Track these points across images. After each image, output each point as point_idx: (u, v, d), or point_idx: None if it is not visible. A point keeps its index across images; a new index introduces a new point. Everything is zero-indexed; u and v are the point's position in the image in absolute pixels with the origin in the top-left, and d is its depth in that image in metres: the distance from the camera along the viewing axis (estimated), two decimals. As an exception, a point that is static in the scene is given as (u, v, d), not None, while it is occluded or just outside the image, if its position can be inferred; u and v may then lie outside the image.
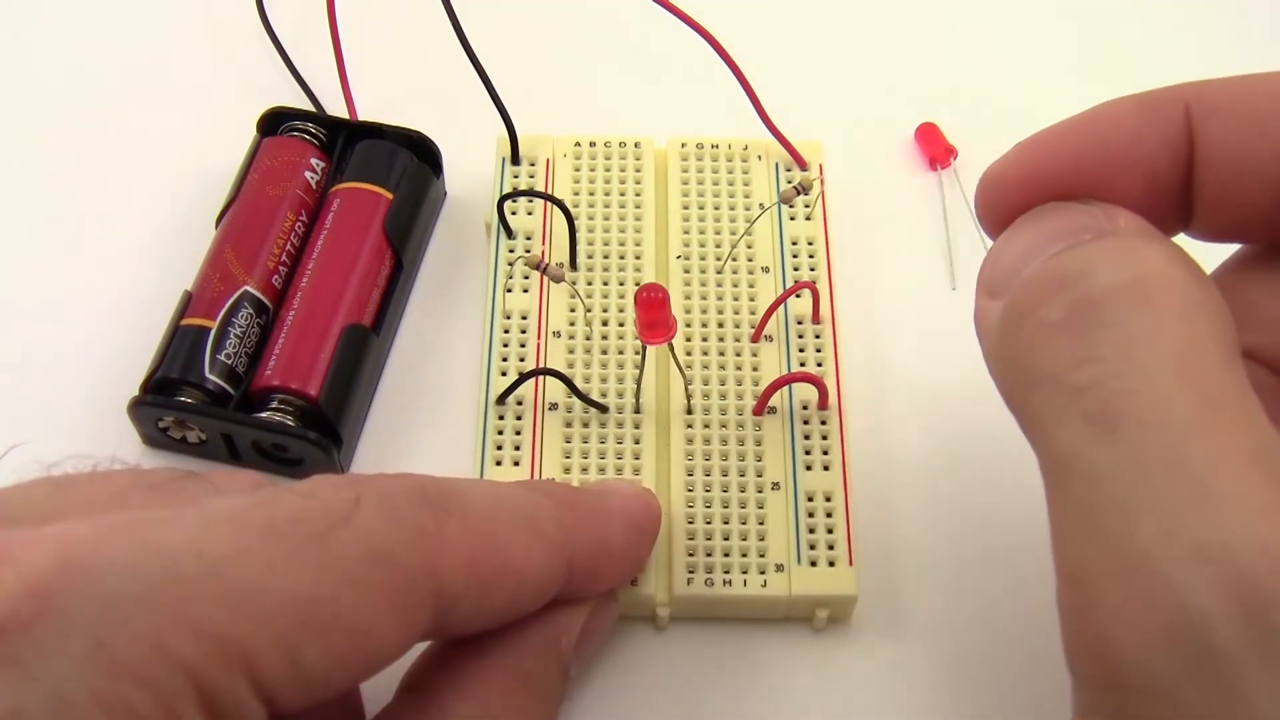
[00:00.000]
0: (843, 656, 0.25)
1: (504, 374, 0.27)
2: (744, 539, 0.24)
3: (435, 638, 0.21)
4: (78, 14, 0.35)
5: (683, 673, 0.24)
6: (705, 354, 0.27)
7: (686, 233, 0.29)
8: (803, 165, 0.30)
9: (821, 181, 0.29)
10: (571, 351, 0.27)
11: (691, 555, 0.24)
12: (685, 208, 0.29)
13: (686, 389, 0.26)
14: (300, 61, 0.33)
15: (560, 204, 0.28)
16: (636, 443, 0.26)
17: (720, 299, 0.28)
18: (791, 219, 0.29)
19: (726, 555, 0.24)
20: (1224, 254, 0.21)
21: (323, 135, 0.30)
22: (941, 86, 0.34)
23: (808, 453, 0.26)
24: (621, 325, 0.27)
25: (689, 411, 0.26)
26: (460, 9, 0.28)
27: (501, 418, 0.26)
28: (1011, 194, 0.19)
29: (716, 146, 0.30)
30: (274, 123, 0.31)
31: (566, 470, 0.26)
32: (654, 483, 0.25)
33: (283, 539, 0.16)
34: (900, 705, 0.24)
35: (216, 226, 0.29)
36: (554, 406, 0.26)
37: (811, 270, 0.29)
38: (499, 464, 0.26)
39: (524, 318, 0.28)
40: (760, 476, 0.25)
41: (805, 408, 0.26)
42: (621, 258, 0.29)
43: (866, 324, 0.29)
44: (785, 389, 0.26)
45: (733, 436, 0.26)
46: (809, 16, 0.36)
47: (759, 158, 0.30)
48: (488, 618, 0.20)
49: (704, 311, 0.28)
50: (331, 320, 0.27)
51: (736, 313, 0.28)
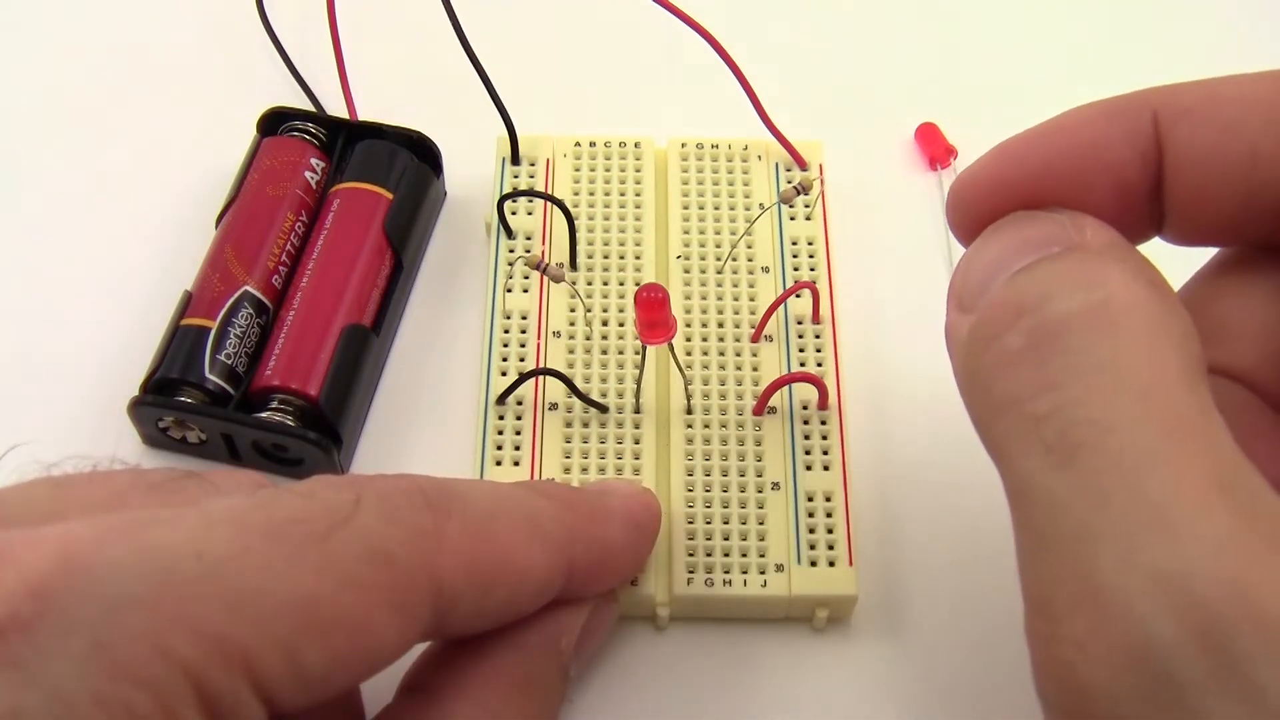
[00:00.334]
0: (843, 656, 0.25)
1: (504, 374, 0.27)
2: (744, 539, 0.24)
3: (435, 638, 0.21)
4: (78, 14, 0.35)
5: (683, 673, 0.24)
6: (705, 354, 0.27)
7: (686, 233, 0.29)
8: (803, 165, 0.30)
9: (821, 181, 0.29)
10: (571, 351, 0.27)
11: (691, 555, 0.24)
12: (685, 208, 0.29)
13: (686, 389, 0.26)
14: (300, 61, 0.33)
15: (560, 204, 0.28)
16: (636, 443, 0.26)
17: (720, 299, 0.28)
18: (791, 219, 0.29)
19: (726, 555, 0.24)
20: (1200, 258, 0.21)
21: (323, 135, 0.30)
22: (941, 86, 0.34)
23: (808, 453, 0.26)
24: (621, 325, 0.27)
25: (689, 411, 0.26)
26: (460, 9, 0.28)
27: (501, 418, 0.26)
28: (982, 201, 0.19)
29: (716, 146, 0.30)
30: (274, 123, 0.31)
31: (566, 470, 0.26)
32: (654, 483, 0.25)
33: (283, 540, 0.16)
34: (900, 705, 0.24)
35: (216, 226, 0.29)
36: (554, 406, 0.26)
37: (811, 270, 0.29)
38: (499, 464, 0.26)
39: (524, 318, 0.28)
40: (760, 476, 0.25)
41: (805, 408, 0.26)
42: (621, 258, 0.29)
43: (866, 324, 0.29)
44: (785, 389, 0.26)
45: (733, 436, 0.26)
46: (809, 17, 0.36)
47: (759, 158, 0.30)
48: (488, 618, 0.20)
49: (704, 311, 0.28)
50: (331, 320, 0.27)
51: (736, 313, 0.28)
